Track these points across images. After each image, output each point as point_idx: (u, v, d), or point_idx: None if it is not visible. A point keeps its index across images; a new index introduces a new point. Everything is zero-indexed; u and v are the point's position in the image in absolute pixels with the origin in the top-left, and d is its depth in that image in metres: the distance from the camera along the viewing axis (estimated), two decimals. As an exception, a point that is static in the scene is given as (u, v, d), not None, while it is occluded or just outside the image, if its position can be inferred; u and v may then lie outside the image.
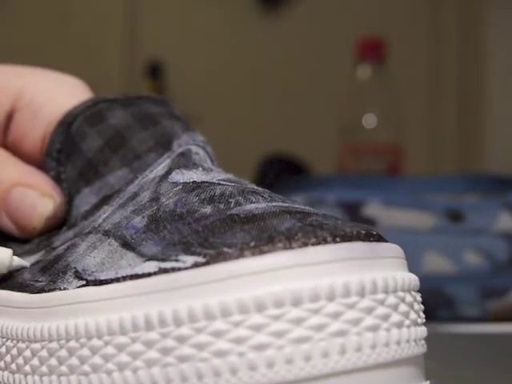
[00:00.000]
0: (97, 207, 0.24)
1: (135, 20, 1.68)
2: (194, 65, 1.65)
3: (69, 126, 0.26)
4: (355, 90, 0.84)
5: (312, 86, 1.61)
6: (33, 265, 0.24)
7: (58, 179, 0.26)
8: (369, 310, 0.18)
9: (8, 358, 0.21)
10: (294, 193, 0.58)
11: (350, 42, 0.91)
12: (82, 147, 0.25)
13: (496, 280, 0.53)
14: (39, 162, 0.27)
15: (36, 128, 0.27)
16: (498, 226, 0.54)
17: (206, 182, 0.22)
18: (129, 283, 0.19)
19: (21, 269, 0.24)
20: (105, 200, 0.24)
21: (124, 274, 0.19)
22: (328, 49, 1.60)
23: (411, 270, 0.21)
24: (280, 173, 1.03)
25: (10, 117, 0.28)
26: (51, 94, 0.28)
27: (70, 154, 0.26)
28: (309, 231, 0.18)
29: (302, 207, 0.20)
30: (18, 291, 0.22)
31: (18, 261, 0.23)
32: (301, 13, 1.65)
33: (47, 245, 0.25)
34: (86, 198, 0.25)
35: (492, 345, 0.44)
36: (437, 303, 0.53)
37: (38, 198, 0.25)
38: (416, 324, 0.19)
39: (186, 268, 0.18)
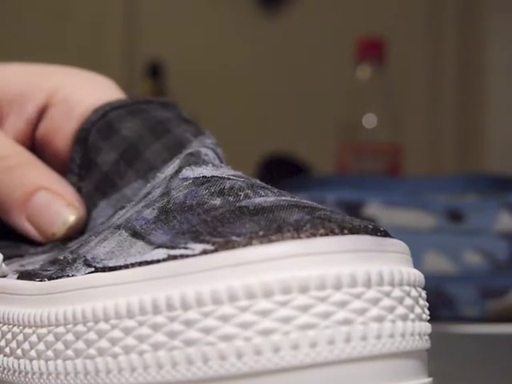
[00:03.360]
0: (111, 217, 0.25)
1: (135, 20, 1.68)
2: (194, 65, 1.65)
3: (85, 141, 0.26)
4: (355, 89, 0.84)
5: (312, 86, 1.61)
6: (40, 260, 0.24)
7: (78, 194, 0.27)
8: (375, 301, 0.18)
9: (14, 344, 0.21)
10: (294, 193, 0.58)
11: (350, 42, 0.91)
12: (98, 161, 0.26)
13: (496, 280, 0.53)
14: (66, 159, 0.27)
15: (70, 123, 0.27)
16: (498, 226, 0.54)
17: (216, 176, 0.22)
18: (137, 269, 0.19)
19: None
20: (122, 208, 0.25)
21: (133, 261, 0.19)
22: (328, 49, 1.60)
23: (412, 269, 0.21)
24: (280, 173, 1.03)
25: (42, 112, 0.28)
26: (87, 92, 0.28)
27: (88, 169, 0.26)
28: (317, 223, 0.18)
29: (310, 203, 0.21)
30: (26, 279, 0.22)
31: (4, 268, 0.23)
32: (301, 13, 1.65)
33: (60, 245, 0.25)
34: (103, 211, 0.25)
35: (492, 345, 0.44)
36: (437, 303, 0.53)
37: (63, 205, 0.25)
38: (421, 319, 0.19)
39: (195, 255, 0.18)
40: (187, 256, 0.18)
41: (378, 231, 0.19)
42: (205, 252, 0.18)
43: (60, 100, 0.28)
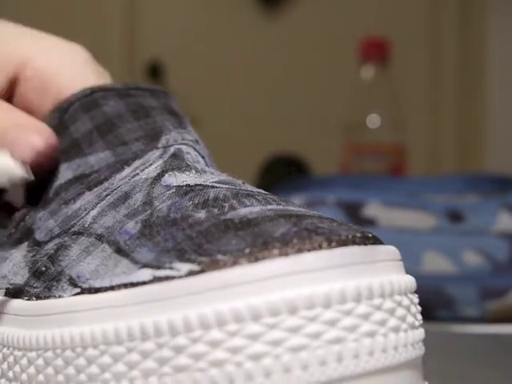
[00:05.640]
0: (72, 183, 0.24)
1: (135, 20, 1.68)
2: (194, 65, 1.65)
3: (64, 112, 0.26)
4: (359, 90, 0.84)
5: (315, 86, 1.61)
6: (21, 267, 0.23)
7: None
8: (365, 316, 0.18)
9: (5, 366, 0.21)
10: (294, 193, 0.58)
11: (353, 43, 0.91)
12: (71, 129, 0.26)
13: (496, 280, 0.53)
14: None
15: (44, 103, 0.27)
16: (498, 226, 0.55)
17: (200, 184, 0.22)
18: (123, 292, 0.19)
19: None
20: (81, 178, 0.24)
21: (119, 283, 0.19)
22: (331, 49, 1.60)
23: (411, 270, 0.21)
24: (282, 173, 1.03)
25: (13, 83, 0.27)
26: (60, 67, 0.27)
27: (57, 133, 0.26)
28: (304, 236, 0.18)
29: (297, 209, 0.20)
30: (13, 297, 0.22)
31: (16, 169, 0.23)
32: (303, 13, 1.66)
33: (27, 232, 0.24)
34: (62, 173, 0.25)
35: (492, 345, 0.44)
36: (437, 303, 0.53)
37: (29, 133, 0.25)
38: (413, 327, 0.19)
39: (181, 276, 0.18)
40: (173, 278, 0.18)
41: (366, 239, 0.19)
42: (191, 273, 0.18)
43: (32, 75, 0.27)
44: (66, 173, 0.25)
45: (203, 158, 0.25)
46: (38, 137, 0.25)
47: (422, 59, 1.62)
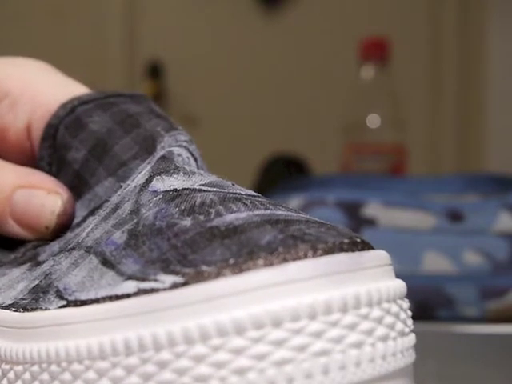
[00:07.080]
0: (84, 219, 0.24)
1: (135, 20, 1.68)
2: (194, 65, 1.65)
3: (53, 139, 0.26)
4: (359, 90, 0.84)
5: (315, 86, 1.61)
6: (16, 282, 0.23)
7: None
8: (352, 327, 0.17)
9: None
10: (294, 193, 0.58)
11: (353, 43, 0.91)
12: (69, 159, 0.25)
13: (496, 280, 0.53)
14: (27, 151, 0.27)
15: (17, 118, 0.27)
16: (498, 226, 0.55)
17: (187, 188, 0.22)
18: (108, 305, 0.19)
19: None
20: (94, 211, 0.24)
21: (104, 295, 0.19)
22: (331, 49, 1.60)
23: (411, 270, 0.21)
24: (282, 172, 1.03)
25: None
26: (25, 83, 0.27)
27: (59, 168, 0.26)
28: (290, 244, 0.18)
29: (286, 213, 0.20)
30: (3, 308, 0.22)
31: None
32: (303, 13, 1.66)
33: (32, 256, 0.24)
34: (78, 212, 0.25)
35: (492, 345, 0.44)
36: (437, 303, 0.53)
37: (44, 196, 0.25)
38: (403, 334, 0.19)
39: (165, 289, 0.18)
40: (157, 290, 0.18)
41: (354, 245, 0.18)
42: (175, 285, 0.18)
43: (1, 98, 0.27)
44: (80, 211, 0.25)
45: (195, 159, 0.25)
46: (55, 200, 0.24)
47: (422, 59, 1.62)
